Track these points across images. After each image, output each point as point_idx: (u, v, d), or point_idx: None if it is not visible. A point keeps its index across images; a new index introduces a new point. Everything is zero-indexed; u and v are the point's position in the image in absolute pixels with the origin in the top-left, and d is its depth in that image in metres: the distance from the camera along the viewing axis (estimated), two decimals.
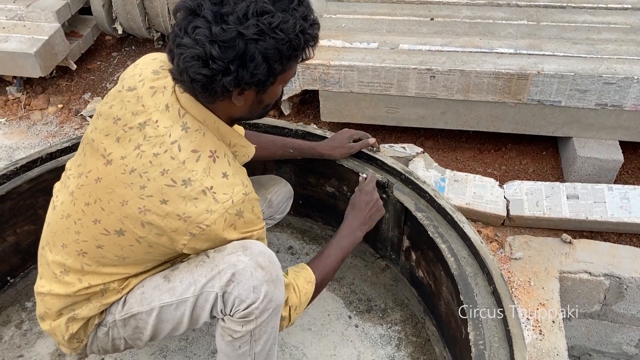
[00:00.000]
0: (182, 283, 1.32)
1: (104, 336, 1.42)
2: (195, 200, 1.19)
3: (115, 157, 1.24)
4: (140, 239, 1.25)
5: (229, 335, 1.33)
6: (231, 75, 1.12)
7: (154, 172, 1.20)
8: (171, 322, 1.36)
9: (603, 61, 2.25)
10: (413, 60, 2.31)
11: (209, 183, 1.20)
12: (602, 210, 2.12)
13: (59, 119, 2.84)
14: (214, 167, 1.22)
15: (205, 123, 1.25)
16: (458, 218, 1.67)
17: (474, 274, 1.56)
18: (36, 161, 1.91)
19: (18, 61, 2.76)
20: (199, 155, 1.21)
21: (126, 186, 1.22)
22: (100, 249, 1.28)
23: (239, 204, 1.23)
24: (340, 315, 1.89)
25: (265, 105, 1.30)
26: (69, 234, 1.31)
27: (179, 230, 1.21)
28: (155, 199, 1.20)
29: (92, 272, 1.32)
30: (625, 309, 2.06)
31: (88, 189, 1.28)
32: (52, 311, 1.38)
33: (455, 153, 2.60)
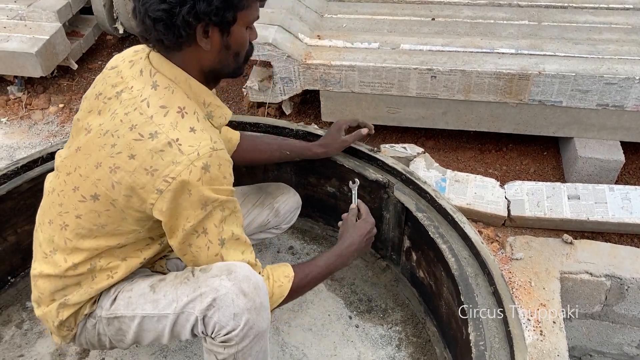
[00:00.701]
0: (166, 297, 1.32)
1: (92, 328, 1.42)
2: (161, 153, 1.19)
3: (94, 125, 1.28)
4: (113, 202, 1.25)
5: (213, 354, 1.33)
6: (187, 5, 1.16)
7: (124, 129, 1.22)
8: (153, 333, 1.36)
9: (604, 61, 2.25)
10: (414, 60, 2.30)
11: (175, 135, 1.20)
12: (603, 211, 2.12)
13: (60, 118, 2.84)
14: (182, 121, 1.22)
15: (176, 81, 1.26)
16: (459, 218, 1.66)
17: (474, 275, 1.55)
18: (37, 161, 1.91)
19: (19, 61, 2.76)
20: (167, 111, 1.22)
21: (100, 148, 1.25)
22: (78, 219, 1.30)
23: (205, 157, 1.20)
24: (341, 315, 1.89)
25: (235, 54, 1.30)
26: (53, 208, 1.34)
27: (146, 186, 1.20)
28: (124, 154, 1.21)
29: (74, 248, 1.32)
30: (626, 310, 2.06)
31: (69, 160, 1.32)
32: (44, 295, 1.39)
33: (456, 153, 2.59)
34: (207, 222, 1.26)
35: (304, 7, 2.61)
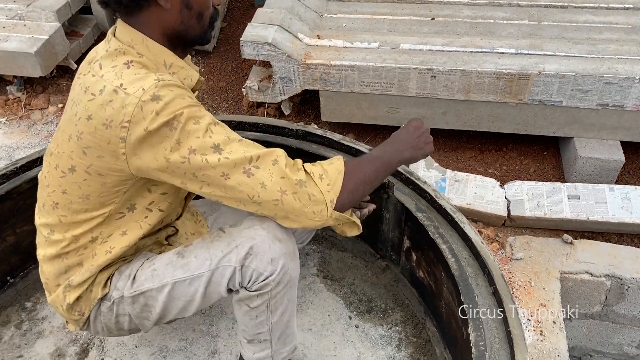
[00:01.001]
0: (197, 258, 1.34)
1: (108, 311, 1.42)
2: (110, 103, 1.16)
3: (69, 102, 1.30)
4: (88, 169, 1.25)
5: (245, 305, 1.36)
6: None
7: (81, 95, 1.23)
8: (182, 300, 1.36)
9: (604, 61, 2.25)
10: (414, 60, 2.30)
11: (118, 82, 1.17)
12: (603, 211, 2.11)
13: (59, 118, 2.84)
14: (127, 71, 1.19)
15: (132, 43, 1.23)
16: (459, 218, 1.66)
17: (474, 275, 1.55)
18: (36, 161, 1.91)
19: (18, 61, 2.76)
20: (115, 66, 1.20)
21: (69, 121, 1.26)
22: (65, 194, 1.30)
23: (151, 89, 1.15)
24: (341, 315, 1.89)
25: (198, 15, 1.27)
26: (44, 191, 1.36)
27: (111, 140, 1.18)
28: (83, 118, 1.21)
29: (70, 223, 1.33)
30: (627, 310, 2.06)
31: (53, 141, 1.34)
32: (50, 280, 1.40)
33: (456, 153, 2.59)
34: (186, 139, 1.17)
35: (303, 6, 2.61)
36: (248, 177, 1.20)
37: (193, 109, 1.18)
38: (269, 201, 1.22)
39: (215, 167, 1.18)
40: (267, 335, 1.43)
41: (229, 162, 1.19)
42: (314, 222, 1.25)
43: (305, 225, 1.26)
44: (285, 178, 1.21)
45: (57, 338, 1.83)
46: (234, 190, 1.21)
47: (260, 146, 1.25)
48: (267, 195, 1.21)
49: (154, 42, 1.24)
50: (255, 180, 1.20)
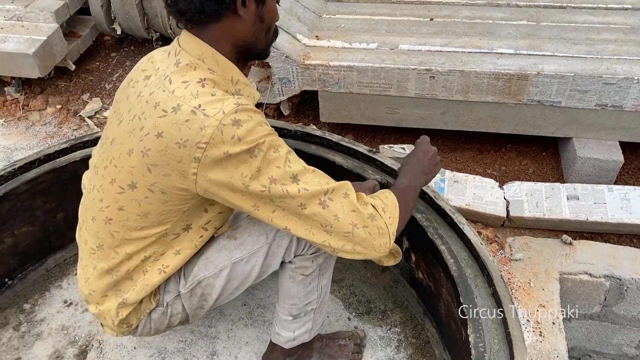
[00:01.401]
0: (252, 236, 1.39)
1: (160, 316, 1.45)
2: (187, 123, 1.15)
3: (125, 113, 1.27)
4: (151, 186, 1.23)
5: (300, 274, 1.43)
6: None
7: (149, 109, 1.20)
8: (239, 279, 1.42)
9: (603, 61, 2.24)
10: (412, 60, 2.30)
11: (196, 102, 1.17)
12: (603, 211, 2.11)
13: (58, 119, 2.83)
14: (202, 90, 1.19)
15: (202, 57, 1.23)
16: (458, 219, 1.66)
17: (473, 276, 1.55)
18: (34, 162, 1.90)
19: (16, 61, 2.76)
20: (187, 84, 1.20)
21: (130, 135, 1.23)
22: (122, 210, 1.29)
23: (231, 114, 1.15)
24: (340, 316, 1.88)
25: (267, 28, 1.31)
26: (95, 205, 1.34)
27: (183, 159, 1.17)
28: (152, 135, 1.19)
29: (123, 240, 1.32)
30: (626, 310, 2.05)
31: (106, 153, 1.31)
32: (96, 293, 1.40)
33: (455, 154, 2.59)
34: (266, 167, 1.19)
35: (302, 7, 2.60)
36: (323, 209, 1.23)
37: (273, 138, 1.21)
38: (340, 232, 1.25)
39: (295, 197, 1.21)
40: (315, 303, 1.51)
41: (307, 194, 1.22)
42: (379, 253, 1.30)
43: (370, 257, 1.31)
44: (356, 212, 1.25)
45: (56, 340, 1.82)
46: (308, 219, 1.24)
47: (329, 177, 1.29)
48: (339, 226, 1.25)
49: (224, 57, 1.25)
50: (329, 212, 1.23)
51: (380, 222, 1.28)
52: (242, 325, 1.85)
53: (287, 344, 1.59)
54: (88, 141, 1.98)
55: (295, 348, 1.62)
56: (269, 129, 1.21)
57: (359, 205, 1.26)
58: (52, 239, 2.01)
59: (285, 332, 1.57)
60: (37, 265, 2.01)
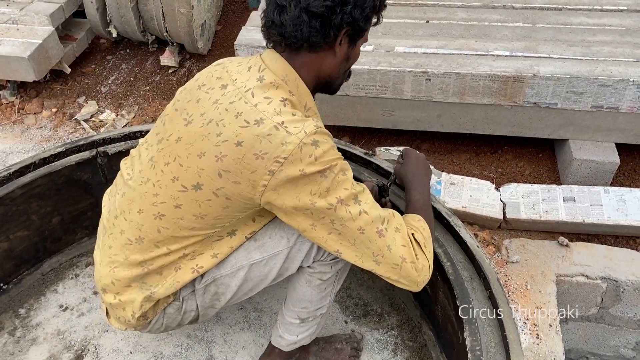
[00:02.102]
0: (272, 239, 1.40)
1: (175, 312, 1.46)
2: (268, 137, 1.19)
3: (195, 115, 1.29)
4: (217, 191, 1.25)
5: (317, 279, 1.44)
6: (349, 6, 1.22)
7: (229, 117, 1.22)
8: (255, 280, 1.43)
9: (599, 63, 2.25)
10: (408, 63, 2.30)
11: (279, 119, 1.20)
12: (599, 213, 2.11)
13: (53, 123, 2.82)
14: (285, 109, 1.23)
15: (285, 79, 1.28)
16: (454, 222, 1.66)
17: (470, 279, 1.55)
18: (29, 166, 1.89)
19: (12, 65, 2.75)
20: (270, 101, 1.23)
21: (203, 138, 1.24)
22: (178, 208, 1.29)
23: (312, 135, 1.20)
24: (337, 320, 1.88)
25: (348, 67, 1.38)
26: (146, 198, 1.33)
27: (257, 170, 1.20)
28: (230, 142, 1.21)
29: (169, 237, 1.33)
30: (623, 312, 2.05)
31: (168, 150, 1.31)
32: (120, 282, 1.40)
33: (452, 156, 2.59)
34: (335, 189, 1.22)
35: None
36: (379, 237, 1.26)
37: (343, 162, 1.26)
38: (390, 264, 1.28)
39: (356, 219, 1.24)
40: (325, 308, 1.53)
41: (367, 219, 1.25)
42: (419, 288, 1.33)
43: (410, 289, 1.34)
44: (406, 247, 1.29)
45: (51, 345, 1.81)
46: (362, 245, 1.27)
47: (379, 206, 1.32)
48: (390, 258, 1.28)
49: (304, 83, 1.30)
50: (384, 242, 1.26)
51: (423, 260, 1.32)
52: (238, 329, 1.85)
53: (288, 347, 1.60)
54: (84, 145, 1.97)
55: (293, 351, 1.62)
56: (339, 154, 1.26)
57: (408, 241, 1.30)
58: (47, 243, 2.00)
59: (289, 335, 1.57)
60: (33, 269, 2.00)
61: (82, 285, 2.00)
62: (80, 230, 2.07)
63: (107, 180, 2.01)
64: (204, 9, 3.04)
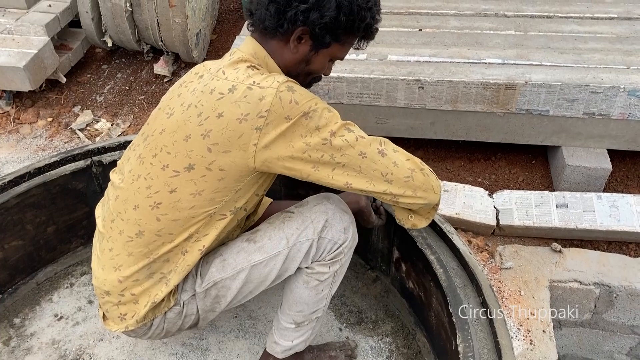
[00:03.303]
0: (272, 240, 1.42)
1: (175, 316, 1.47)
2: (245, 98, 1.23)
3: (176, 106, 1.34)
4: (210, 165, 1.27)
5: (315, 279, 1.45)
6: (306, 5, 1.25)
7: (205, 97, 1.28)
8: (255, 282, 1.44)
9: (590, 70, 2.27)
10: (401, 71, 2.32)
11: (250, 80, 1.25)
12: (592, 219, 2.13)
13: (49, 132, 2.83)
14: (253, 72, 1.28)
15: (255, 55, 1.34)
16: (447, 229, 1.67)
17: (463, 285, 1.56)
18: (24, 176, 1.90)
19: (7, 75, 2.76)
20: (238, 69, 1.29)
21: (186, 122, 1.29)
22: (174, 192, 1.32)
23: (285, 83, 1.24)
24: (331, 327, 1.88)
25: (309, 72, 1.40)
26: (140, 193, 1.36)
27: (244, 133, 1.23)
28: (212, 117, 1.25)
29: (170, 222, 1.34)
30: (616, 318, 2.06)
31: (154, 143, 1.35)
32: (129, 279, 1.40)
33: (445, 163, 2.60)
34: (325, 125, 1.25)
35: None
36: (382, 157, 1.29)
37: (323, 102, 1.29)
38: (401, 178, 1.31)
39: (354, 145, 1.26)
40: (321, 311, 1.54)
41: (365, 141, 1.28)
42: (437, 195, 1.37)
43: (430, 200, 1.36)
44: (410, 160, 1.34)
45: (46, 354, 1.81)
46: (369, 168, 1.29)
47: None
48: (399, 172, 1.31)
49: (273, 62, 1.36)
50: (388, 160, 1.29)
51: (428, 169, 1.37)
52: (233, 337, 1.85)
53: (283, 353, 1.60)
54: (78, 154, 1.98)
55: (287, 358, 1.62)
56: (317, 97, 1.30)
57: (410, 155, 1.35)
58: (42, 253, 2.01)
59: (284, 341, 1.57)
60: (28, 279, 2.00)
61: (77, 294, 2.00)
62: (75, 239, 2.07)
63: (101, 189, 2.02)
64: (198, 18, 3.06)
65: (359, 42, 1.40)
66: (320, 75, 1.44)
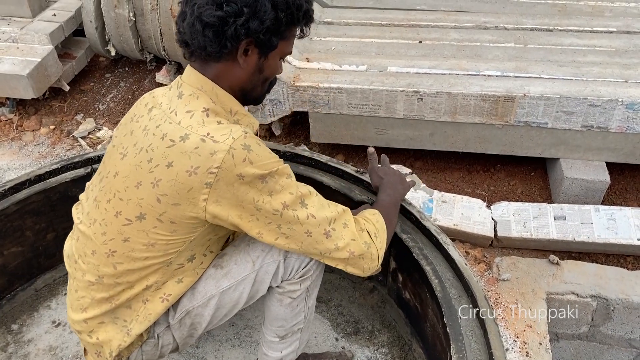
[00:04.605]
0: (238, 264, 1.40)
1: (152, 348, 1.45)
2: (196, 150, 1.19)
3: (130, 147, 1.29)
4: (160, 216, 1.24)
5: (288, 297, 1.45)
6: (243, 17, 1.20)
7: (156, 141, 1.23)
8: (228, 306, 1.43)
9: (588, 84, 2.28)
10: (401, 82, 2.33)
11: (204, 131, 1.21)
12: (589, 232, 2.13)
13: (51, 140, 2.85)
14: (208, 119, 1.24)
15: (202, 89, 1.29)
16: (443, 240, 1.67)
17: (458, 296, 1.56)
18: (24, 183, 1.92)
19: (11, 83, 2.78)
20: (192, 114, 1.24)
21: (137, 167, 1.25)
22: (127, 242, 1.29)
23: (241, 139, 1.20)
24: (327, 337, 1.89)
25: (265, 79, 1.37)
26: (96, 238, 1.33)
27: (194, 187, 1.20)
28: (162, 165, 1.21)
29: (126, 270, 1.32)
30: (614, 331, 2.06)
31: (108, 187, 1.32)
32: (93, 320, 1.38)
33: (445, 174, 2.61)
34: (279, 193, 1.24)
35: None
36: (326, 238, 1.31)
37: (284, 165, 1.27)
38: (337, 259, 1.34)
39: (303, 224, 1.27)
40: (302, 323, 1.53)
41: (314, 222, 1.28)
42: (366, 274, 1.40)
43: (359, 276, 1.40)
44: (355, 241, 1.33)
45: None
46: (310, 246, 1.31)
47: (331, 203, 1.35)
48: (338, 254, 1.33)
49: (223, 90, 1.31)
50: (331, 242, 1.31)
51: (373, 249, 1.37)
52: (229, 346, 1.85)
53: None
54: (79, 162, 1.99)
55: None
56: (277, 157, 1.27)
57: (357, 235, 1.34)
58: (41, 259, 2.02)
59: (273, 352, 1.57)
60: (26, 285, 2.01)
61: None
62: None
63: None
64: None
65: (302, 31, 1.36)
66: (275, 77, 1.42)
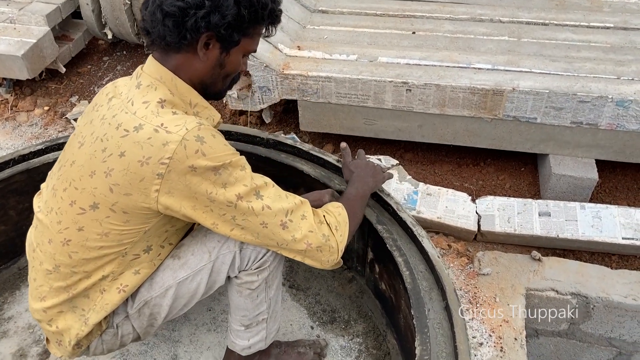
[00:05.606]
0: (195, 255, 1.40)
1: (112, 337, 1.46)
2: (149, 140, 1.19)
3: (87, 136, 1.29)
4: (113, 206, 1.24)
5: (246, 288, 1.45)
6: (204, 10, 1.19)
7: (111, 131, 1.24)
8: (186, 297, 1.43)
9: (579, 79, 2.25)
10: (390, 73, 2.32)
11: (158, 121, 1.21)
12: (573, 229, 2.11)
13: (44, 121, 2.87)
14: (163, 110, 1.24)
15: (161, 80, 1.28)
16: (417, 232, 1.67)
17: (429, 289, 1.56)
18: (8, 162, 1.93)
19: (6, 63, 2.80)
20: (148, 104, 1.24)
21: (91, 156, 1.25)
22: (81, 231, 1.29)
23: (194, 131, 1.19)
24: (303, 325, 1.89)
25: (225, 75, 1.36)
26: (52, 227, 1.33)
27: (145, 177, 1.20)
28: (115, 155, 1.21)
29: (81, 260, 1.32)
30: (593, 329, 2.05)
31: (65, 175, 1.32)
32: (52, 310, 1.39)
33: (434, 166, 2.60)
34: (233, 185, 1.24)
35: (286, 17, 2.63)
36: (283, 229, 1.31)
37: (238, 157, 1.27)
38: (294, 250, 1.35)
39: (258, 215, 1.27)
40: (266, 313, 1.54)
41: (270, 213, 1.28)
42: (325, 267, 1.41)
43: (317, 267, 1.41)
44: (313, 232, 1.34)
45: (21, 338, 1.84)
46: (266, 237, 1.32)
47: (289, 194, 1.35)
48: (295, 246, 1.34)
49: (182, 82, 1.30)
50: (288, 233, 1.31)
51: (332, 242, 1.36)
52: (205, 330, 1.87)
53: (244, 351, 1.61)
54: (63, 144, 2.00)
55: (251, 355, 1.63)
56: (233, 149, 1.26)
57: (315, 227, 1.33)
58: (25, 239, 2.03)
59: (240, 340, 1.58)
60: (10, 263, 2.04)
61: None
62: None
63: None
64: None
65: (267, 30, 1.36)
66: (239, 74, 1.42)
